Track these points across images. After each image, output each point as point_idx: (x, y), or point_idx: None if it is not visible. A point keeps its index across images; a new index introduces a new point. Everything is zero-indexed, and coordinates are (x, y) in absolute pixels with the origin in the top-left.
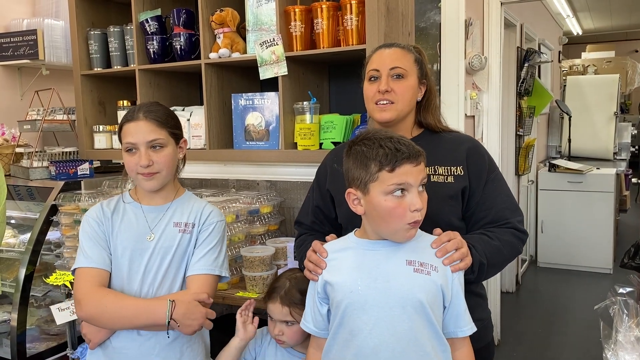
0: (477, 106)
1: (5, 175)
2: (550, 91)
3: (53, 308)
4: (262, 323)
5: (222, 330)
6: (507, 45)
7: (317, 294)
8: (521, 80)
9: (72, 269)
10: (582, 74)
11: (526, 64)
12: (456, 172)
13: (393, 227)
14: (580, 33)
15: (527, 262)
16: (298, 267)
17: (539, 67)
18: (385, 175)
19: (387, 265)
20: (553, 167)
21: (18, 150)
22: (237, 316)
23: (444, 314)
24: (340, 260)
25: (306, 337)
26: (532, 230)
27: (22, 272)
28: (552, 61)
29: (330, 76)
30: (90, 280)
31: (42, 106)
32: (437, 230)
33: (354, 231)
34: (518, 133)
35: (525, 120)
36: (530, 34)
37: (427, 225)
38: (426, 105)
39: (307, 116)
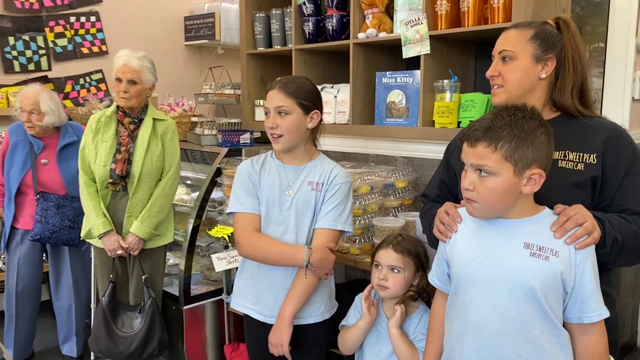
0: None
1: (182, 141)
2: None
3: (213, 257)
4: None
5: (352, 292)
6: None
7: (443, 253)
8: None
9: (227, 211)
10: None
11: None
12: (588, 159)
13: None
14: None
15: None
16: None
17: None
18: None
19: (503, 245)
20: None
21: (193, 119)
22: (362, 301)
23: (566, 299)
24: (460, 231)
25: (403, 294)
26: None
27: (190, 225)
28: None
29: (477, 55)
30: (246, 226)
31: (214, 82)
32: (558, 207)
33: None
34: None
35: None
36: None
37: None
38: (561, 84)
39: (447, 94)
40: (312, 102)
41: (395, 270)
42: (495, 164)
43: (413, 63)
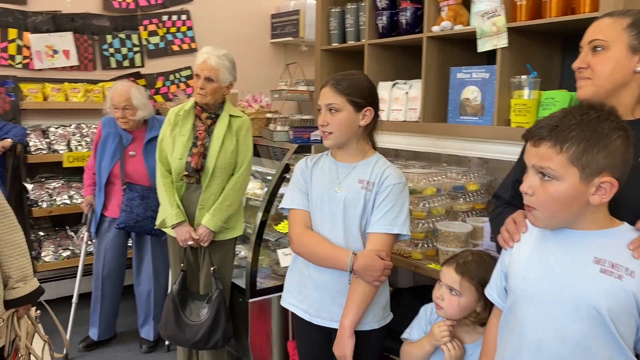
0: None
1: (258, 137)
2: None
3: (279, 252)
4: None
5: (417, 297)
6: None
7: (503, 265)
8: None
9: (279, 207)
10: None
11: None
12: None
13: None
14: None
15: None
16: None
17: None
18: None
19: (570, 258)
20: None
21: (269, 115)
22: (436, 329)
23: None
24: (522, 241)
25: (462, 316)
26: None
27: (258, 218)
28: None
29: (564, 49)
30: (297, 222)
31: (290, 78)
32: None
33: None
34: None
35: None
36: None
37: (631, 221)
38: None
39: (525, 91)
40: (364, 99)
41: (453, 293)
42: (559, 167)
43: (493, 58)
